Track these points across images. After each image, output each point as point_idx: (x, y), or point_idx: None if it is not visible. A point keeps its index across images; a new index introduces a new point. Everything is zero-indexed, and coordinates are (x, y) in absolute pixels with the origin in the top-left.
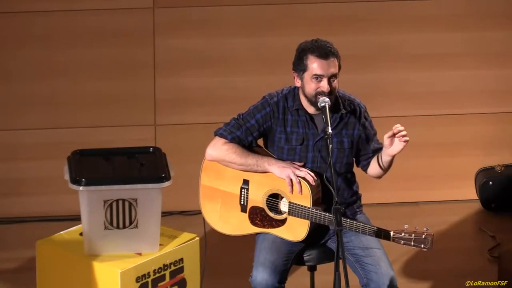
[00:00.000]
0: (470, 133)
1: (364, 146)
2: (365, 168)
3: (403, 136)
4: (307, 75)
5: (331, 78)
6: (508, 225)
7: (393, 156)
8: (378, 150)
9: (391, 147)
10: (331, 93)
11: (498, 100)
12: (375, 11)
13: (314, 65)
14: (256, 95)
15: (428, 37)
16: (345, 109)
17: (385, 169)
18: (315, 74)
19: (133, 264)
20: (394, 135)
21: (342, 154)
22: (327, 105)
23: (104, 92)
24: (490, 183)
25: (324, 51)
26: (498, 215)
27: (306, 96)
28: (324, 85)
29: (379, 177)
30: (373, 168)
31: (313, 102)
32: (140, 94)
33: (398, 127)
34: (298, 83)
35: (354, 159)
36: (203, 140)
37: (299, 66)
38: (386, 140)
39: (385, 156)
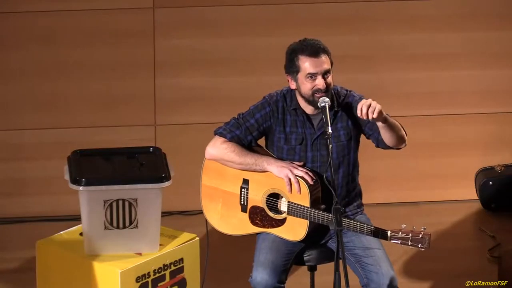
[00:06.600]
0: (470, 133)
1: (366, 125)
2: (382, 143)
3: (372, 110)
4: (301, 76)
5: (325, 74)
6: (508, 225)
7: (383, 121)
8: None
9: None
10: (327, 90)
11: (498, 100)
12: (375, 11)
13: (306, 64)
14: (256, 95)
15: (428, 37)
16: (339, 106)
17: (393, 131)
18: (308, 73)
19: (133, 264)
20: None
21: (341, 147)
22: (327, 105)
23: (104, 92)
24: (490, 183)
25: (314, 49)
26: (498, 215)
27: (303, 97)
28: (319, 82)
29: (398, 143)
30: (383, 136)
31: (311, 101)
32: (140, 94)
33: (361, 107)
34: (293, 85)
35: (373, 140)
36: (203, 140)
37: (292, 68)
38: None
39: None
